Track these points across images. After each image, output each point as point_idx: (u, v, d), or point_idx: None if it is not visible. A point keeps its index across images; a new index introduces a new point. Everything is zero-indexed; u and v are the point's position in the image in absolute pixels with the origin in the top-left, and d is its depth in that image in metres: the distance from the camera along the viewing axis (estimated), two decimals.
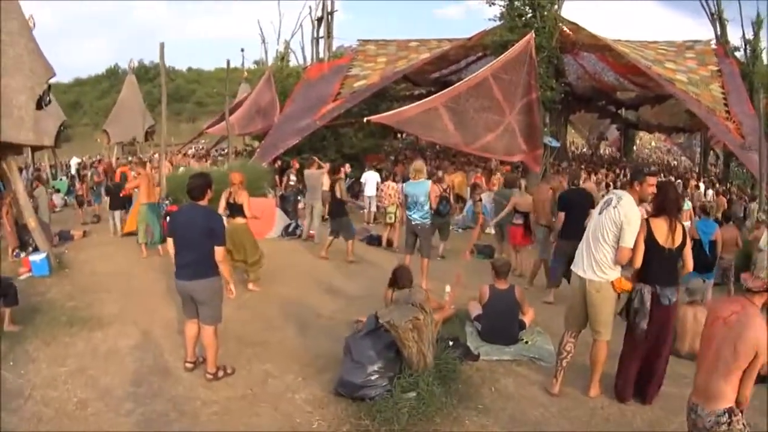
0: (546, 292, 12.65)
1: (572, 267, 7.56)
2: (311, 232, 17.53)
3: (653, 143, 75.07)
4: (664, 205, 7.05)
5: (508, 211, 15.04)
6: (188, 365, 8.11)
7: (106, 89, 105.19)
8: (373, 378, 7.11)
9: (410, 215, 12.55)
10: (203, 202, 7.68)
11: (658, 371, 7.47)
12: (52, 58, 13.71)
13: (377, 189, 21.71)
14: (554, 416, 7.16)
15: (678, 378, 8.08)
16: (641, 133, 62.25)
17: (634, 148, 60.40)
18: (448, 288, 10.24)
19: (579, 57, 32.19)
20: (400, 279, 9.57)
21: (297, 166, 23.13)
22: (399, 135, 44.77)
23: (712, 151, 45.42)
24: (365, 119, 19.70)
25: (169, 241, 7.87)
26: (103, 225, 20.62)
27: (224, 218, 11.53)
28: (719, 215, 18.22)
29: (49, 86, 14.34)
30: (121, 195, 18.95)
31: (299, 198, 20.56)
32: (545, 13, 24.82)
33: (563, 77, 30.35)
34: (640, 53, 27.09)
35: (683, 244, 7.08)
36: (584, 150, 63.98)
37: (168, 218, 14.05)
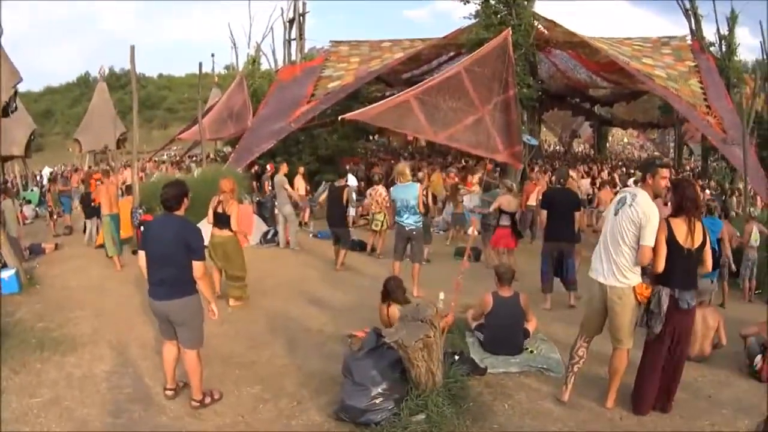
0: (542, 298, 12.08)
1: (590, 273, 7.12)
2: (288, 238, 17.14)
3: (626, 139, 75.93)
4: (683, 203, 6.67)
5: (493, 210, 14.82)
6: (168, 392, 7.40)
7: (77, 97, 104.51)
8: (378, 401, 6.53)
9: (402, 221, 12.08)
10: (179, 213, 6.99)
11: (677, 379, 7.11)
12: (22, 65, 13.05)
13: (358, 193, 21.10)
14: (573, 431, 6.75)
15: (690, 383, 7.86)
16: (614, 130, 62.50)
17: (608, 144, 60.55)
18: (441, 295, 9.61)
19: (551, 54, 32.08)
20: (393, 292, 9.04)
21: (273, 170, 22.35)
22: (371, 137, 44.32)
23: (685, 146, 45.54)
24: (339, 117, 18.97)
25: (141, 254, 7.10)
26: (76, 236, 20.06)
27: (208, 230, 11.10)
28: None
29: (16, 92, 13.55)
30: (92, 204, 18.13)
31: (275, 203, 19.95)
32: (521, 10, 24.50)
33: (536, 75, 30.09)
34: (617, 49, 26.80)
35: (703, 244, 6.72)
36: (557, 148, 64.09)
37: (141, 228, 13.40)
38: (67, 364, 8.58)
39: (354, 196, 15.80)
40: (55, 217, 22.48)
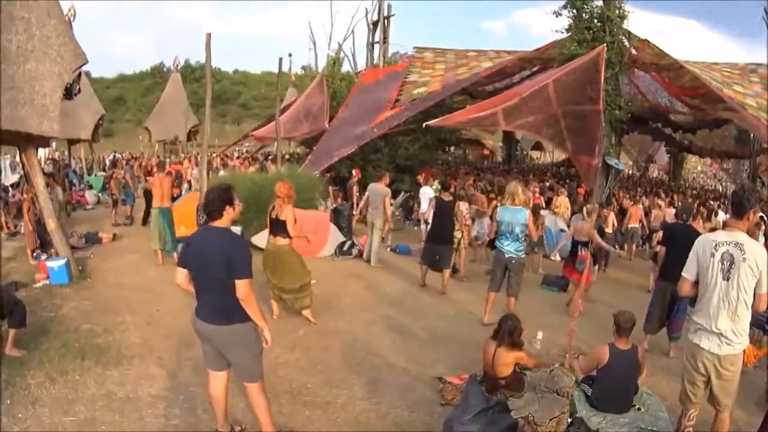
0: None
1: (697, 341, 6.21)
2: (367, 250, 15.67)
3: (699, 168, 73.86)
4: None
5: (567, 239, 13.84)
6: None
7: (150, 86, 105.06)
8: None
9: (502, 246, 10.69)
10: (223, 223, 5.75)
11: None
12: (95, 51, 12.12)
13: None
14: None
15: None
16: (689, 157, 60.63)
17: (683, 172, 58.72)
18: (540, 335, 8.39)
19: (633, 76, 30.44)
20: (510, 333, 7.57)
21: (359, 176, 21.74)
22: (447, 148, 43.11)
23: (759, 179, 44.03)
24: (424, 124, 19.88)
25: (180, 272, 5.82)
26: (136, 227, 19.24)
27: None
28: None
29: (80, 75, 12.73)
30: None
31: (354, 212, 18.56)
32: (614, 27, 23.13)
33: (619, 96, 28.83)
34: (707, 74, 25.20)
35: None
36: (631, 172, 62.41)
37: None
38: (109, 380, 7.54)
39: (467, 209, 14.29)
40: (118, 205, 21.40)
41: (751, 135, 37.87)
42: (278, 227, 10.01)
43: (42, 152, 38.07)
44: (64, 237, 12.87)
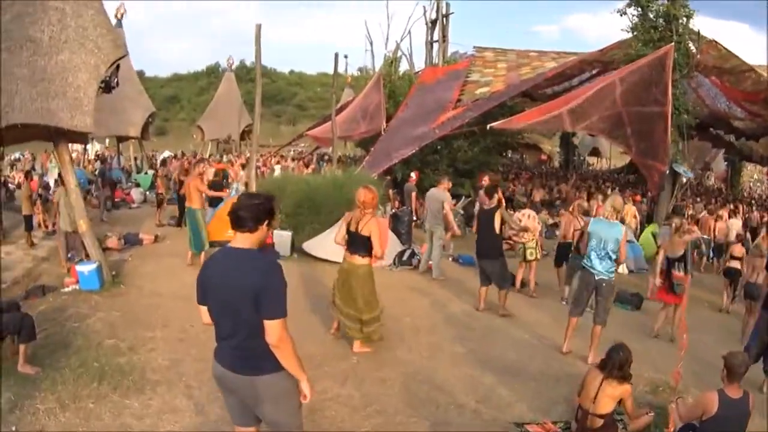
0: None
1: None
2: (430, 262, 14.28)
3: (755, 176, 72.36)
4: None
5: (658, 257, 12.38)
6: None
7: (205, 86, 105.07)
8: None
9: (591, 265, 9.31)
10: (251, 241, 4.43)
11: None
12: (150, 52, 11.49)
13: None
14: None
15: None
16: (746, 165, 59.08)
17: (741, 180, 57.14)
18: None
19: (692, 80, 29.16)
20: (621, 366, 6.54)
21: (417, 178, 20.72)
22: (502, 153, 41.95)
23: None
24: (488, 126, 18.79)
25: (203, 310, 4.57)
26: (182, 228, 17.95)
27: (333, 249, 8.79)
28: None
29: (118, 67, 12.00)
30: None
31: (415, 219, 17.35)
32: (680, 28, 21.94)
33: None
34: None
35: None
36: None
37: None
38: (126, 411, 6.58)
39: (507, 216, 12.55)
40: (164, 205, 20.42)
41: None
42: (358, 243, 8.58)
43: (90, 148, 37.91)
44: (96, 239, 12.03)
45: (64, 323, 9.13)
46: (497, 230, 11.47)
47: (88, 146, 36.11)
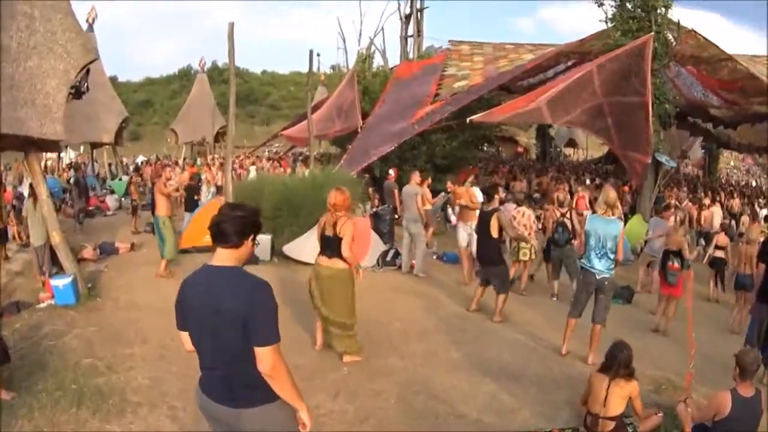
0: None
1: None
2: (412, 261, 13.95)
3: (732, 163, 73.56)
4: None
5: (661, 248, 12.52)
6: None
7: (178, 89, 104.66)
8: None
9: (590, 265, 8.99)
10: (235, 258, 4.02)
11: None
12: (122, 56, 11.22)
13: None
14: None
15: None
16: (722, 153, 59.67)
17: (718, 167, 57.68)
18: None
19: (668, 69, 29.22)
20: (627, 364, 6.45)
21: (396, 176, 20.62)
22: (480, 146, 41.90)
23: None
24: (468, 119, 18.74)
25: (184, 336, 4.11)
26: None
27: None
28: None
29: (88, 71, 11.56)
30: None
31: (396, 217, 16.98)
32: (660, 17, 22.10)
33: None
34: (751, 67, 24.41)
35: None
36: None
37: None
38: None
39: (504, 219, 12.01)
40: (139, 211, 20.02)
41: None
42: (335, 245, 8.21)
43: (65, 156, 37.49)
44: (69, 251, 11.63)
45: (40, 342, 8.76)
46: (495, 234, 10.98)
47: (62, 154, 35.70)
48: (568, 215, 13.34)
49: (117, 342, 8.74)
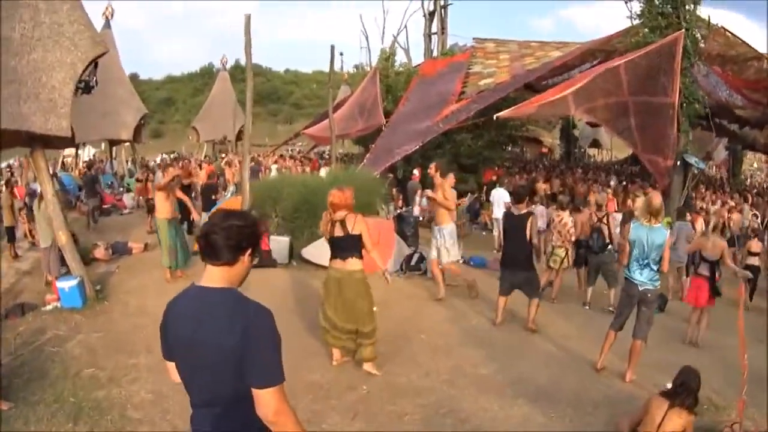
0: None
1: None
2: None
3: (755, 164, 72.77)
4: None
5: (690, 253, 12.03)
6: None
7: (200, 87, 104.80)
8: None
9: (633, 276, 8.31)
10: (230, 278, 3.21)
11: None
12: (140, 55, 10.86)
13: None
14: None
15: None
16: (745, 154, 59.09)
17: (743, 168, 57.13)
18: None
19: (693, 68, 28.74)
20: (694, 393, 5.96)
21: (420, 175, 20.17)
22: (504, 146, 41.51)
23: None
24: (495, 116, 18.32)
25: (170, 367, 3.37)
26: None
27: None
28: None
29: (96, 65, 11.05)
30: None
31: (420, 218, 16.45)
32: (689, 14, 21.39)
33: None
34: None
35: None
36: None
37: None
38: None
39: (536, 224, 11.30)
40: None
41: None
42: (347, 245, 7.63)
43: (84, 153, 37.27)
44: (76, 253, 11.18)
45: (42, 348, 8.43)
46: (529, 239, 10.34)
47: (80, 151, 35.48)
48: (605, 220, 12.78)
49: (121, 350, 8.30)
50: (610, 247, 12.46)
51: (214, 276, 3.17)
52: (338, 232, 7.63)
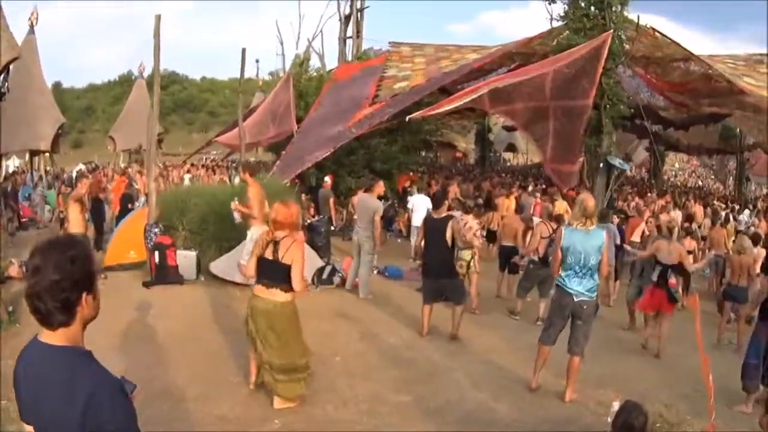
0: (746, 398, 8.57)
1: None
2: (356, 279, 12.99)
3: (677, 165, 74.56)
4: None
5: (647, 259, 11.50)
6: None
7: (119, 95, 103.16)
8: None
9: (568, 286, 7.89)
10: (70, 334, 2.52)
11: None
12: (65, 62, 10.42)
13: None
14: None
15: None
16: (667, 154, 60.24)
17: (664, 169, 58.19)
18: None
19: (618, 69, 29.28)
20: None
21: (332, 183, 20.39)
22: (418, 151, 41.59)
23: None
24: (407, 117, 18.70)
25: (27, 430, 2.59)
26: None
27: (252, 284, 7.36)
28: None
29: (8, 72, 10.64)
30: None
31: (333, 227, 16.26)
32: (614, 16, 21.81)
33: None
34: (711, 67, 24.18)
35: None
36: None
37: (156, 254, 12.39)
38: None
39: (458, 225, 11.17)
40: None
41: (737, 130, 39.37)
42: (276, 273, 6.95)
43: (10, 164, 36.64)
44: None
45: None
46: (450, 244, 10.23)
47: (5, 162, 34.82)
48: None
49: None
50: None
51: (52, 334, 2.53)
52: (268, 254, 7.03)
